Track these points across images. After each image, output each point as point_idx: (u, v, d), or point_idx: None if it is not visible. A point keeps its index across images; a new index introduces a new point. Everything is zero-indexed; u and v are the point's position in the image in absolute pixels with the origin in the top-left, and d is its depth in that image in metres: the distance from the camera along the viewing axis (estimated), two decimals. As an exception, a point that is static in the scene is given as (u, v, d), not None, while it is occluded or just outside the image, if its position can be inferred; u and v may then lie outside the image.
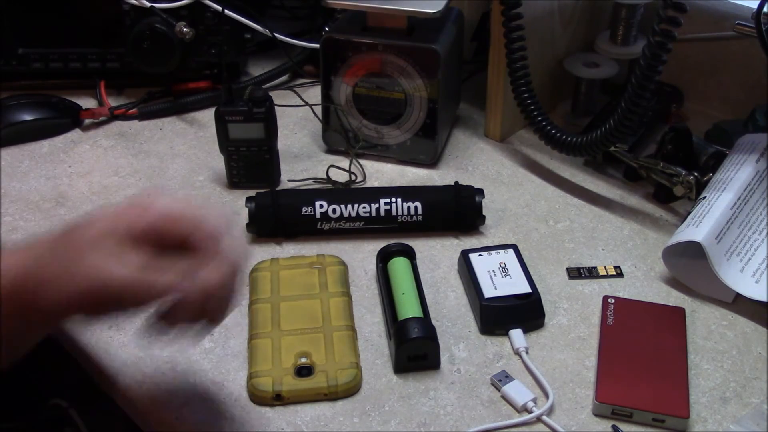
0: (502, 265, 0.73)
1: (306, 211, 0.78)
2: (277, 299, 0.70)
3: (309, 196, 0.79)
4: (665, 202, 0.84)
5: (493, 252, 0.74)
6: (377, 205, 0.78)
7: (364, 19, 0.87)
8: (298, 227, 0.79)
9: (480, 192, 0.80)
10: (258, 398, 0.63)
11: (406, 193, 0.79)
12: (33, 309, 0.51)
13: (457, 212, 0.79)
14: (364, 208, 0.78)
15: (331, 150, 0.92)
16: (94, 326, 0.69)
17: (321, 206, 0.78)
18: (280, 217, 0.78)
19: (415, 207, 0.78)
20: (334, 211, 0.78)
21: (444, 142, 0.93)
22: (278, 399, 0.62)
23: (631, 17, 0.92)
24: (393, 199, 0.78)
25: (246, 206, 0.78)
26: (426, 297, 0.70)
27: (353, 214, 0.78)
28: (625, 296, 0.73)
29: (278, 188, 0.85)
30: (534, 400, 0.62)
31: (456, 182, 0.81)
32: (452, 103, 0.96)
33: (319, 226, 0.78)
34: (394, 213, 0.78)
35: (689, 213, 0.76)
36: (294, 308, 0.69)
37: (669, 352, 0.66)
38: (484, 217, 0.80)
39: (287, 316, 0.69)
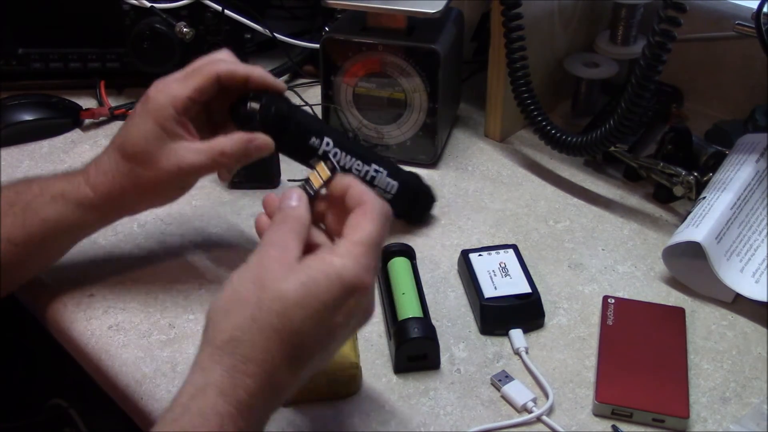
0: (502, 265, 0.73)
1: (313, 142, 0.73)
2: (277, 299, 0.70)
3: (321, 130, 0.75)
4: (665, 202, 0.84)
5: (493, 252, 0.74)
6: (368, 168, 0.76)
7: (364, 19, 0.87)
8: (296, 154, 0.75)
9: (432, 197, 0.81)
10: (258, 398, 0.63)
11: (392, 169, 0.78)
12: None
13: (411, 204, 0.80)
14: (357, 165, 0.76)
15: (331, 150, 0.93)
16: (94, 326, 0.69)
17: (327, 144, 0.74)
18: (290, 132, 0.72)
19: (392, 186, 0.77)
20: (335, 154, 0.75)
21: (444, 142, 0.93)
22: (278, 399, 0.62)
23: (631, 17, 0.92)
24: (381, 170, 0.77)
25: (255, 104, 0.68)
26: (426, 297, 0.70)
27: (347, 166, 0.76)
28: (625, 296, 0.73)
29: (279, 184, 0.86)
30: (534, 400, 0.62)
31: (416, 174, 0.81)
32: (452, 103, 0.96)
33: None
34: (375, 183, 0.77)
35: (689, 213, 0.76)
36: (294, 308, 0.69)
37: (669, 352, 0.66)
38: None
39: (287, 316, 0.68)
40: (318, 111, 0.91)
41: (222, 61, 0.65)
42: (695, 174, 0.80)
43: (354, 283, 0.51)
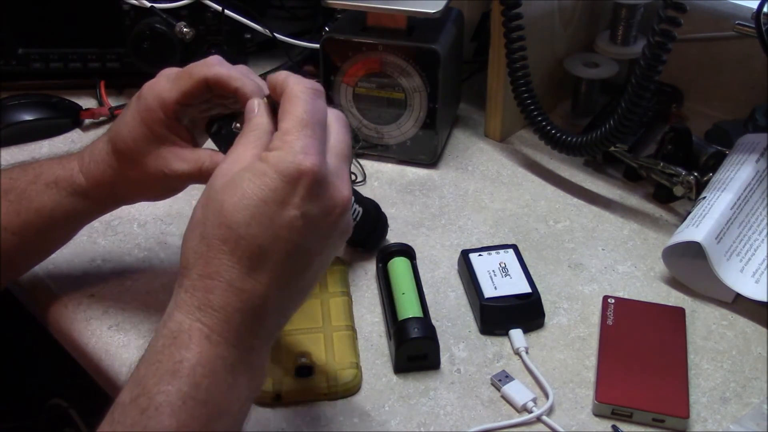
0: (502, 265, 0.73)
1: None
2: (277, 299, 0.70)
3: None
4: (665, 202, 0.84)
5: (493, 252, 0.74)
6: None
7: (364, 19, 0.87)
8: None
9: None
10: (258, 398, 0.63)
11: (357, 194, 0.75)
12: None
13: (369, 233, 0.77)
14: None
15: (331, 150, 0.92)
16: (94, 326, 0.69)
17: None
18: None
19: (358, 212, 0.75)
20: None
21: (444, 142, 0.93)
22: (278, 399, 0.62)
23: (631, 17, 0.92)
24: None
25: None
26: (426, 297, 0.70)
27: None
28: (625, 296, 0.73)
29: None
30: (534, 400, 0.62)
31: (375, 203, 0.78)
32: (452, 103, 0.96)
33: None
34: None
35: (689, 213, 0.76)
36: (294, 308, 0.69)
37: (669, 352, 0.66)
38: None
39: (287, 316, 0.69)
40: (318, 111, 0.91)
41: (213, 65, 0.59)
42: (695, 174, 0.80)
43: (292, 169, 0.48)
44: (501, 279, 0.71)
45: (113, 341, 0.68)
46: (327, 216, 0.50)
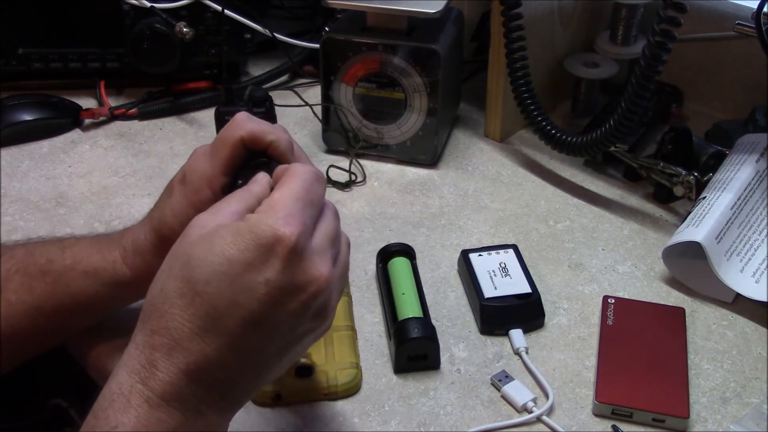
0: (502, 265, 0.73)
1: None
2: (277, 299, 0.70)
3: None
4: (665, 202, 0.84)
5: (493, 252, 0.74)
6: None
7: (364, 19, 0.87)
8: None
9: None
10: (258, 398, 0.63)
11: None
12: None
13: None
14: None
15: (331, 150, 0.93)
16: (94, 326, 0.69)
17: None
18: None
19: None
20: None
21: (444, 142, 0.93)
22: (278, 399, 0.62)
23: (631, 17, 0.92)
24: None
25: None
26: (426, 297, 0.70)
27: None
28: (625, 296, 0.73)
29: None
30: (534, 400, 0.62)
31: None
32: (452, 103, 0.96)
33: None
34: None
35: (689, 213, 0.76)
36: (294, 308, 0.69)
37: (669, 352, 0.66)
38: None
39: (287, 316, 0.68)
40: (318, 111, 0.92)
41: (244, 123, 0.56)
42: (695, 174, 0.80)
43: (268, 234, 0.44)
44: (501, 279, 0.71)
45: (114, 341, 0.68)
46: (297, 292, 0.46)
